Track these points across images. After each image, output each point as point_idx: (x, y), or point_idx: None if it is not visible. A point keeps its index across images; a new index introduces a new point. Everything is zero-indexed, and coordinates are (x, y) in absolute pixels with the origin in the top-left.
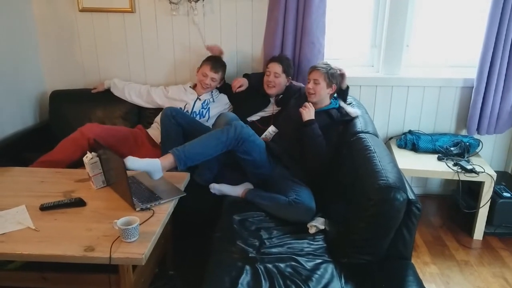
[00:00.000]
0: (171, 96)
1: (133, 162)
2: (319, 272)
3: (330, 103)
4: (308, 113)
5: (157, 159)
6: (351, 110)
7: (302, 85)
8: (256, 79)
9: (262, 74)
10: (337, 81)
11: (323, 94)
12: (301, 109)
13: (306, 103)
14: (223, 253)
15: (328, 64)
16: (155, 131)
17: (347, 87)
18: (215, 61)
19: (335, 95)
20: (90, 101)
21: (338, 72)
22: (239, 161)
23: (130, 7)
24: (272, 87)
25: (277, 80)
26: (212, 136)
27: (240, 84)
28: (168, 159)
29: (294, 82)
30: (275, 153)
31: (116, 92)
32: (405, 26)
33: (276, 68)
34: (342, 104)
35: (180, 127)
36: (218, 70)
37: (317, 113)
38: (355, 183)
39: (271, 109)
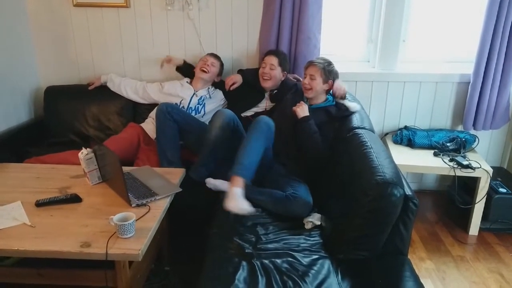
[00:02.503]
0: (167, 91)
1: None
2: (315, 268)
3: (327, 99)
4: (302, 110)
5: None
6: (351, 104)
7: (298, 77)
8: (250, 75)
9: (256, 69)
10: (333, 77)
11: (319, 90)
12: (294, 108)
13: (298, 103)
14: (219, 249)
15: (326, 60)
16: (149, 125)
17: None
18: (214, 54)
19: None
20: (85, 97)
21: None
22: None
23: (125, 2)
24: (267, 79)
25: (272, 72)
26: (258, 136)
27: (233, 81)
28: (237, 181)
29: (290, 75)
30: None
31: (113, 87)
32: (401, 21)
33: (272, 60)
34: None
35: (176, 123)
36: (217, 58)
37: (314, 110)
38: (351, 179)
39: (264, 105)
